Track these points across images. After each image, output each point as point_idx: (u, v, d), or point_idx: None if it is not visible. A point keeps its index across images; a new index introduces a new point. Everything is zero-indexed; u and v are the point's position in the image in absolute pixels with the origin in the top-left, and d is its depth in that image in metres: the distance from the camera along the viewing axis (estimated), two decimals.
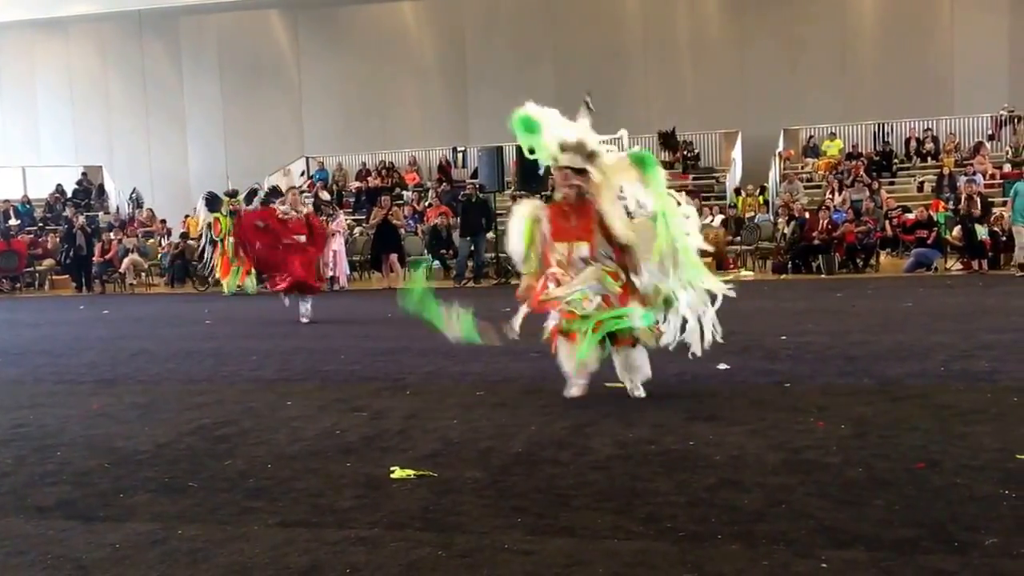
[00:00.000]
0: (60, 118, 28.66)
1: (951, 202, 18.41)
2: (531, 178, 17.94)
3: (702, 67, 24.94)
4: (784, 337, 7.73)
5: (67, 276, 20.11)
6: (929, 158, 22.12)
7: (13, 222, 22.29)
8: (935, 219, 16.82)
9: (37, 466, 4.21)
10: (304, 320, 10.55)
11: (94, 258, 19.43)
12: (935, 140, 22.40)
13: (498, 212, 18.35)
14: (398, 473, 3.85)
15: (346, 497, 3.56)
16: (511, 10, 25.84)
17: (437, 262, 18.96)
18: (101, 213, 25.05)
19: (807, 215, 17.55)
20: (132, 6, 27.63)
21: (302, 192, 18.35)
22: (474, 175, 21.11)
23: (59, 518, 3.43)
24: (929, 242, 16.25)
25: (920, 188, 20.92)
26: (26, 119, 28.64)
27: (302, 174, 25.48)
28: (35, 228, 23.63)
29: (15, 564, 2.97)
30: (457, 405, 5.29)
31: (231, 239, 16.73)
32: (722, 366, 6.30)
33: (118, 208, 26.40)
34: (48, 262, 20.56)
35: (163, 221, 23.30)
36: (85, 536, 3.21)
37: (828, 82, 23.68)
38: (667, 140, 24.11)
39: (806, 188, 21.12)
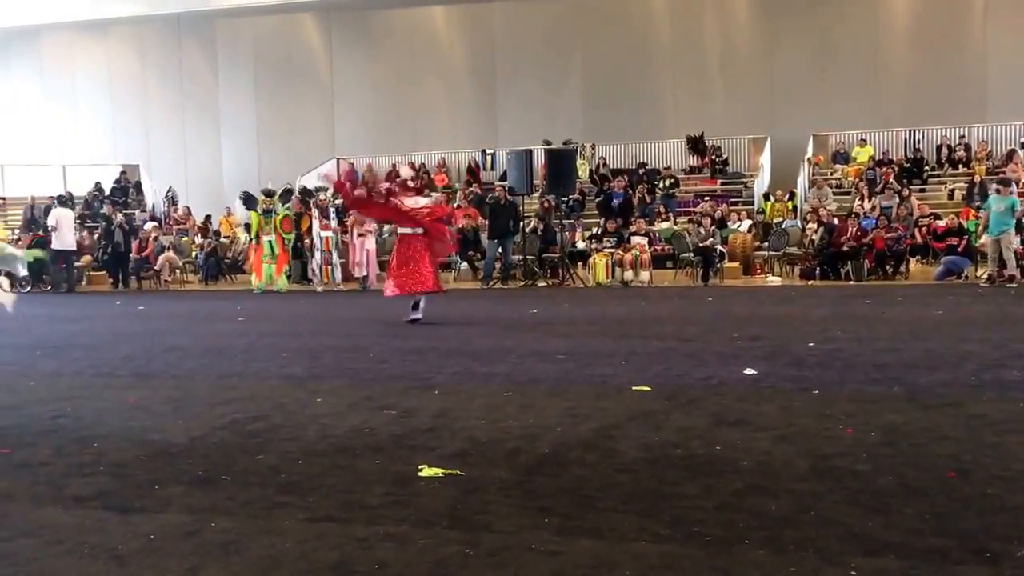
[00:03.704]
0: (99, 117, 29.05)
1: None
2: (560, 181, 17.99)
3: (731, 72, 24.83)
4: (812, 343, 7.69)
5: (104, 272, 20.37)
6: (960, 165, 21.89)
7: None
8: (965, 227, 16.65)
9: (75, 457, 4.29)
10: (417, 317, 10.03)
11: (131, 255, 19.67)
12: (967, 148, 22.16)
13: (526, 215, 18.39)
14: (426, 471, 3.88)
15: (375, 494, 3.60)
16: (540, 14, 25.87)
17: (465, 263, 19.02)
18: (138, 211, 25.35)
19: (836, 221, 17.43)
20: (171, 9, 27.98)
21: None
22: (503, 178, 21.15)
23: (96, 508, 3.50)
24: (960, 250, 16.08)
25: (951, 196, 20.71)
26: (67, 118, 29.04)
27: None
28: (75, 224, 23.94)
29: (53, 553, 3.03)
30: (484, 405, 5.32)
31: (265, 238, 16.99)
32: (749, 371, 6.29)
33: (154, 206, 26.72)
34: (86, 258, 20.83)
35: (207, 218, 23.52)
36: (121, 527, 3.27)
37: (859, 88, 23.50)
38: (695, 145, 24.04)
39: (835, 194, 20.97)
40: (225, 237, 21.99)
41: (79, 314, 13.11)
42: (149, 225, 21.42)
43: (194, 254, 21.24)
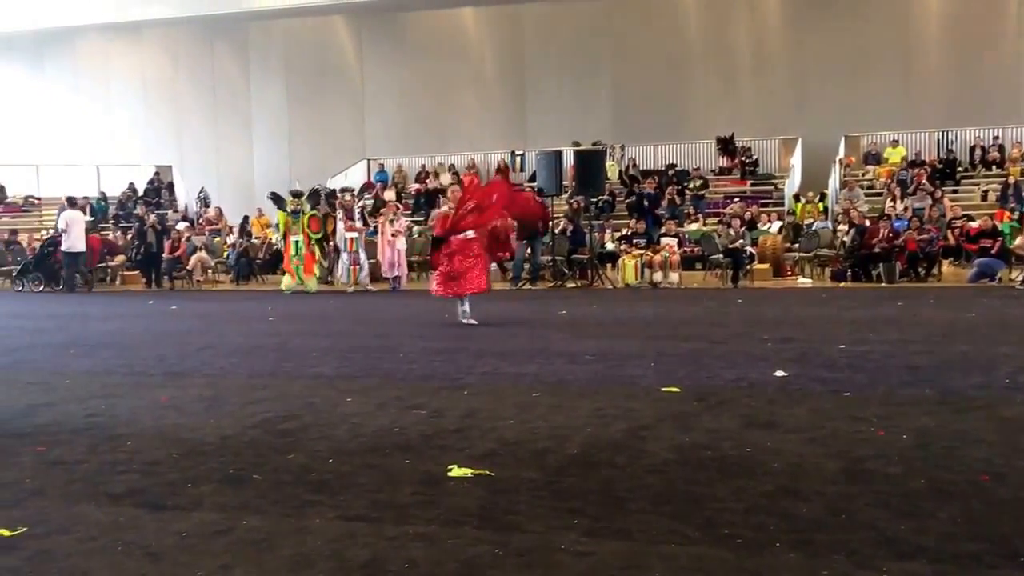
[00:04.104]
0: (133, 119, 29.40)
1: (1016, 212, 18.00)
2: (589, 182, 17.96)
3: (761, 72, 24.68)
4: (843, 346, 7.62)
5: (137, 272, 20.59)
6: (994, 166, 21.62)
7: (88, 218, 22.82)
8: (999, 229, 16.42)
9: (108, 455, 4.34)
10: (465, 320, 10.04)
11: (163, 255, 19.88)
12: (1001, 148, 21.88)
13: (555, 215, 18.38)
14: (456, 471, 3.89)
15: (405, 493, 3.61)
16: (570, 16, 25.87)
17: (494, 264, 19.02)
18: (170, 211, 25.63)
19: (867, 222, 17.26)
20: (203, 12, 28.27)
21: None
22: (532, 178, 21.16)
23: (129, 506, 3.54)
24: (993, 252, 15.87)
25: (984, 197, 20.46)
26: (101, 119, 29.43)
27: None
28: (108, 224, 24.25)
29: (88, 549, 3.07)
30: (514, 406, 5.32)
31: (293, 238, 17.11)
32: (779, 373, 6.25)
33: (186, 207, 27.01)
34: (120, 258, 21.09)
35: (245, 219, 23.64)
36: (154, 524, 3.31)
37: (891, 88, 23.27)
38: (725, 146, 23.92)
39: (867, 196, 20.78)
40: (256, 238, 22.16)
41: (112, 313, 13.27)
42: (181, 225, 21.64)
43: (226, 254, 21.44)
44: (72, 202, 19.97)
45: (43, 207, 26.83)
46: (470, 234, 10.01)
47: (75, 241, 18.78)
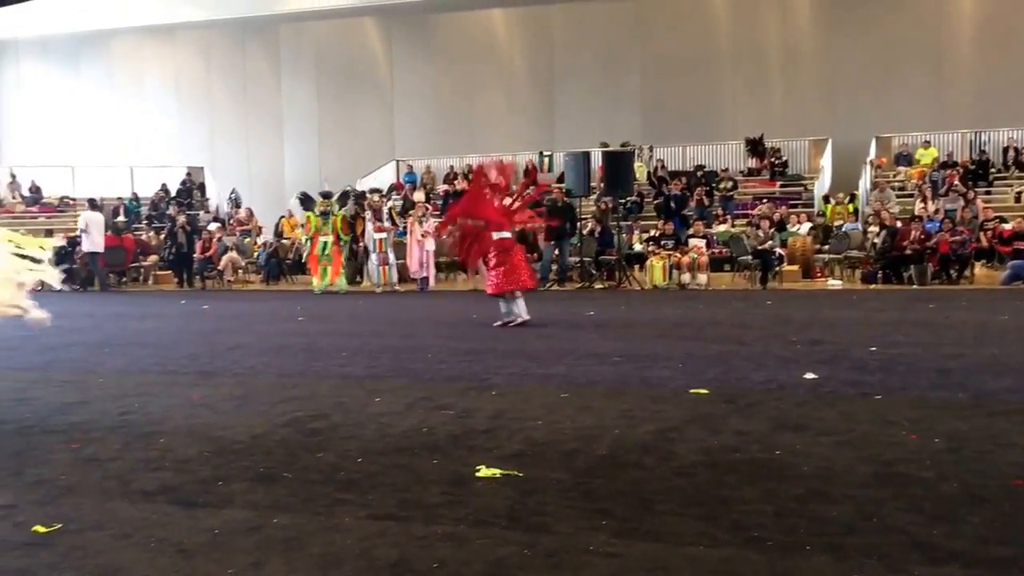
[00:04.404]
0: (166, 120, 29.71)
1: None
2: (618, 183, 17.92)
3: (792, 73, 24.50)
4: (874, 348, 7.56)
5: (170, 272, 20.82)
6: None
7: (121, 219, 23.12)
8: None
9: (141, 452, 4.40)
10: (516, 319, 9.99)
11: (195, 255, 20.07)
12: None
13: (583, 217, 18.35)
14: (484, 472, 3.90)
15: (433, 493, 3.63)
16: (599, 17, 25.82)
17: None
18: (202, 212, 25.86)
19: (898, 224, 17.09)
20: (236, 14, 28.51)
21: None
22: (560, 179, 21.14)
23: (162, 503, 3.58)
24: None
25: (1017, 198, 20.17)
26: (135, 121, 29.76)
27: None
28: (142, 225, 24.54)
29: (121, 546, 3.11)
30: (542, 406, 5.33)
31: (321, 239, 17.20)
32: (809, 375, 6.21)
33: (218, 207, 27.24)
34: (152, 258, 21.34)
35: (281, 219, 23.70)
36: (186, 521, 3.35)
37: (922, 88, 23.02)
38: (754, 147, 23.76)
39: (898, 197, 20.55)
40: (286, 239, 22.32)
41: (145, 313, 13.42)
42: (213, 226, 21.84)
43: (256, 255, 21.61)
44: (93, 204, 20.27)
45: (77, 208, 27.16)
46: (504, 235, 10.02)
47: (95, 241, 19.11)
